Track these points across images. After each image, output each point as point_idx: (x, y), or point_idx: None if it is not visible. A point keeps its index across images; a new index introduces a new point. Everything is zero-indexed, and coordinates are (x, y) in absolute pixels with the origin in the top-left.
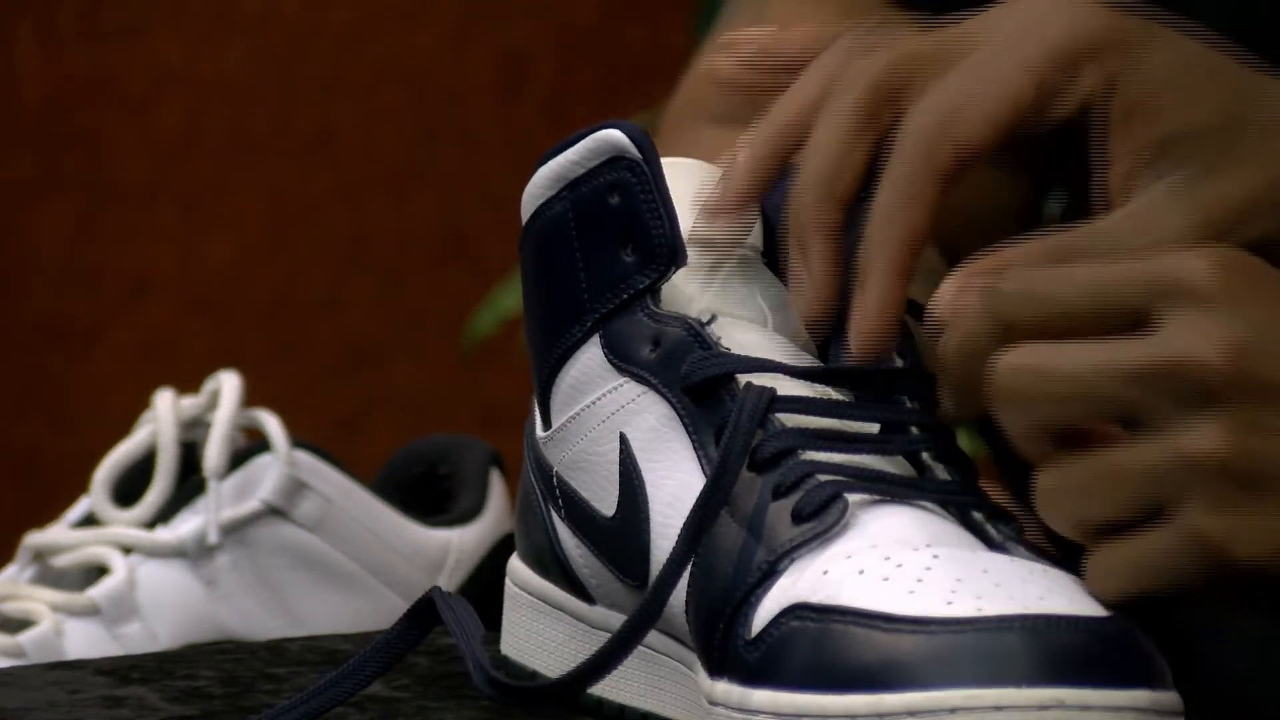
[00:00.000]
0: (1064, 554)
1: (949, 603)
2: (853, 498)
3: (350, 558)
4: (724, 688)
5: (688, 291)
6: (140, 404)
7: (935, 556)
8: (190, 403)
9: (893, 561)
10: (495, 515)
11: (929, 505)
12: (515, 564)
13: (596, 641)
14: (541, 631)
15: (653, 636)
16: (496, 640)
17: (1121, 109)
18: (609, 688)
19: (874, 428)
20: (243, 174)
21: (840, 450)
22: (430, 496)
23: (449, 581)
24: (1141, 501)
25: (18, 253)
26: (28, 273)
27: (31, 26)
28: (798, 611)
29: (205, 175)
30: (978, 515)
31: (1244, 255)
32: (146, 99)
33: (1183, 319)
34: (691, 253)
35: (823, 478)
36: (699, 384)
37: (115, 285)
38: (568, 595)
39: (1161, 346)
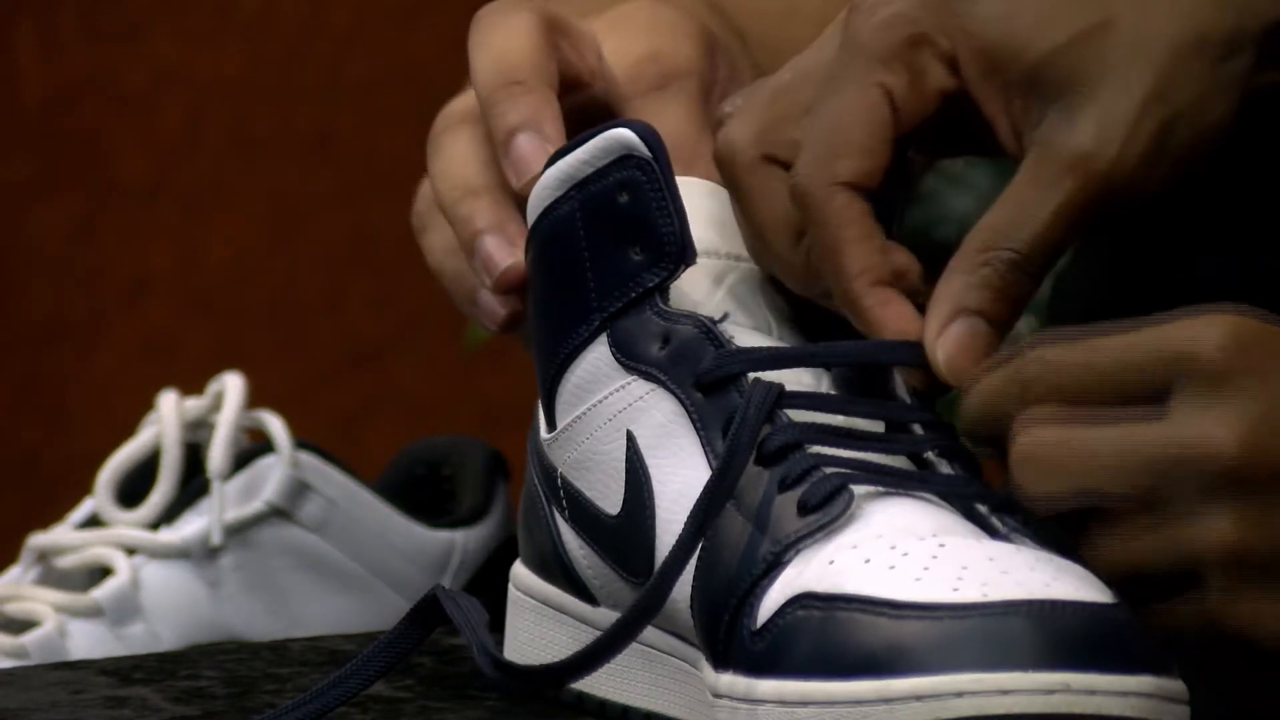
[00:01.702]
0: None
1: (955, 589)
2: (858, 489)
3: (353, 559)
4: (729, 680)
5: (694, 297)
6: (141, 404)
7: (941, 545)
8: (194, 404)
9: (899, 550)
10: (499, 517)
11: (933, 498)
12: (518, 569)
13: None
14: (545, 636)
15: (657, 636)
16: (499, 641)
17: (974, 69)
18: (612, 688)
19: (879, 426)
20: (243, 174)
21: (846, 446)
22: (433, 498)
23: (452, 583)
24: (1171, 571)
25: (18, 253)
26: (28, 273)
27: (31, 27)
28: (803, 601)
29: (205, 175)
30: (982, 508)
31: (1260, 324)
32: (146, 99)
33: (1197, 400)
34: (699, 259)
35: (828, 470)
36: (714, 380)
37: (115, 285)
38: (571, 598)
39: (1176, 431)
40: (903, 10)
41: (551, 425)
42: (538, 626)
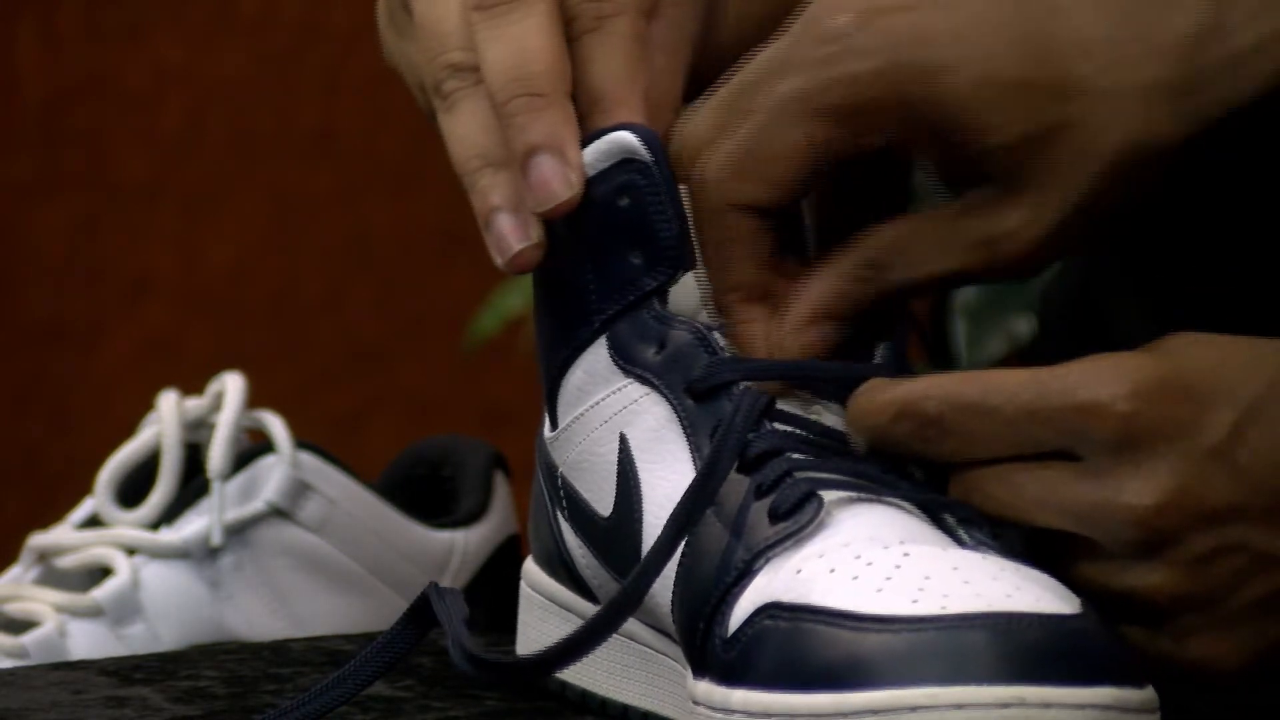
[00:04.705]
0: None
1: (914, 600)
2: (828, 496)
3: (354, 559)
4: (705, 688)
5: (688, 309)
6: (141, 404)
7: (906, 554)
8: (194, 404)
9: (863, 560)
10: (499, 517)
11: (904, 504)
12: (529, 565)
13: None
14: (551, 632)
15: (652, 636)
16: (500, 641)
17: (921, 135)
18: (612, 687)
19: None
20: (244, 174)
21: (826, 454)
22: (433, 498)
23: (453, 583)
24: (1123, 597)
25: (18, 253)
26: (28, 273)
27: (32, 26)
28: (770, 611)
29: (206, 175)
30: (950, 519)
31: (1161, 369)
32: (147, 99)
33: (1107, 457)
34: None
35: (799, 475)
36: (706, 388)
37: (115, 285)
38: (575, 596)
39: (1092, 488)
40: (858, 73)
41: (554, 424)
42: (544, 623)
